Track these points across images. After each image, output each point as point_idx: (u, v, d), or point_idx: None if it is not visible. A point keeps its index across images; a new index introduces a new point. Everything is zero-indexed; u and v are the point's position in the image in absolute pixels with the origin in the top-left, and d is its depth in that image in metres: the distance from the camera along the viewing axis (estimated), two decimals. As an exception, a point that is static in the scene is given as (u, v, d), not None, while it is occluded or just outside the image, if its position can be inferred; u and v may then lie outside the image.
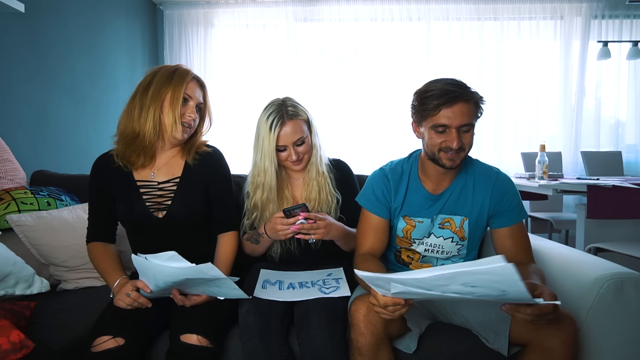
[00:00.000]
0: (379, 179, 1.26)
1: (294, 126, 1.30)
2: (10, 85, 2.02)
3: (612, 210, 2.07)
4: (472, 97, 1.09)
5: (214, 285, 1.06)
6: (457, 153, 1.10)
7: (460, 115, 1.07)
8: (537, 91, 3.75)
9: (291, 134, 1.29)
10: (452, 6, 3.65)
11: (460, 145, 1.09)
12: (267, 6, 3.71)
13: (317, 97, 3.74)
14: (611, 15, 3.65)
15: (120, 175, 1.25)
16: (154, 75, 1.21)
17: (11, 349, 0.89)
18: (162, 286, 1.05)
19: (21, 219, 1.44)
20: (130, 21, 3.29)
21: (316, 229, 1.19)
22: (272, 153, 1.30)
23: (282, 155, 1.33)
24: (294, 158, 1.31)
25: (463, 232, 1.21)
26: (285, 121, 1.29)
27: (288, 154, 1.32)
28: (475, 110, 1.10)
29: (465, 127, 1.09)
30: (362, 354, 1.00)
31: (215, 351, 1.07)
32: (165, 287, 1.06)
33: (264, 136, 1.30)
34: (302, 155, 1.33)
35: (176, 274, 1.00)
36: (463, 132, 1.09)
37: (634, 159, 3.75)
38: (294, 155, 1.31)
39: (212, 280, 1.03)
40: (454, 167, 1.13)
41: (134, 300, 1.07)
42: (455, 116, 1.07)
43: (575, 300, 1.10)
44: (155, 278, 1.03)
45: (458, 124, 1.07)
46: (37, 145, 2.20)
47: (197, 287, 1.09)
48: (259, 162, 1.33)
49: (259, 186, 1.35)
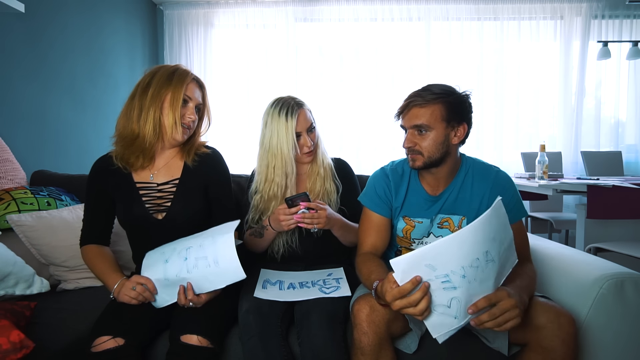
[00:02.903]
0: (381, 178, 1.27)
1: (306, 114, 1.38)
2: (10, 85, 2.02)
3: (612, 210, 2.07)
4: (431, 101, 1.13)
5: (213, 261, 1.07)
6: (414, 155, 1.17)
7: (412, 117, 1.15)
8: (537, 91, 3.76)
9: (305, 121, 1.38)
10: (452, 6, 3.65)
11: (414, 147, 1.16)
12: (267, 6, 3.71)
13: (317, 97, 3.74)
14: (611, 15, 3.65)
15: (120, 177, 1.25)
16: (152, 75, 1.20)
17: (11, 349, 0.89)
18: (172, 259, 1.10)
19: (21, 219, 1.44)
20: (130, 21, 3.29)
21: (318, 218, 1.23)
22: (294, 140, 1.35)
23: (299, 142, 1.38)
24: (309, 143, 1.38)
25: (462, 232, 1.21)
26: (299, 109, 1.36)
27: (303, 141, 1.38)
28: (438, 113, 1.13)
29: (417, 128, 1.15)
30: (364, 354, 1.00)
31: (215, 351, 1.07)
32: (174, 275, 1.08)
33: (280, 128, 1.35)
34: (314, 143, 1.40)
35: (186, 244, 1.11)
36: (418, 134, 1.16)
37: (634, 159, 3.75)
38: (309, 141, 1.38)
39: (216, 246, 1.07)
40: (415, 167, 1.19)
41: (140, 293, 1.09)
42: (407, 118, 1.17)
43: (575, 300, 1.10)
44: (172, 249, 1.10)
45: (409, 125, 1.16)
46: (37, 145, 2.20)
47: (197, 270, 1.09)
48: (276, 153, 1.35)
49: (276, 176, 1.36)
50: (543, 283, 1.24)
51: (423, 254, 0.83)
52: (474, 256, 0.84)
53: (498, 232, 0.87)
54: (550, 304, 1.01)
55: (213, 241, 1.09)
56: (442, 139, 1.15)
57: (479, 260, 0.84)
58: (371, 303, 1.02)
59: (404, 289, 0.86)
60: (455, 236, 0.83)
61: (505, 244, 0.91)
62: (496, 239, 0.87)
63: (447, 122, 1.14)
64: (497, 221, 0.87)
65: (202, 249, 1.08)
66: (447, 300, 0.86)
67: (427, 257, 0.83)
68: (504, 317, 0.88)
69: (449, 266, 0.84)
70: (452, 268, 0.84)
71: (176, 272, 1.09)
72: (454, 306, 0.87)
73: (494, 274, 0.89)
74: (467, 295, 0.86)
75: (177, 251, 1.11)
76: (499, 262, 0.89)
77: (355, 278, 1.28)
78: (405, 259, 0.84)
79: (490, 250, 0.86)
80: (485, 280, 0.88)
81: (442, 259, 0.83)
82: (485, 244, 0.85)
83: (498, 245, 0.88)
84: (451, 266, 0.84)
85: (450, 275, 0.84)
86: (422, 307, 0.86)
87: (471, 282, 0.85)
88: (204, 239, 1.11)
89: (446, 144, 1.16)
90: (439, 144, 1.15)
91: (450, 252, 0.83)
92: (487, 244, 0.85)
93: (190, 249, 1.09)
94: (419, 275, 0.85)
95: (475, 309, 0.87)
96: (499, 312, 0.87)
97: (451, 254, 0.83)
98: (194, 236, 1.16)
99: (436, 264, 0.84)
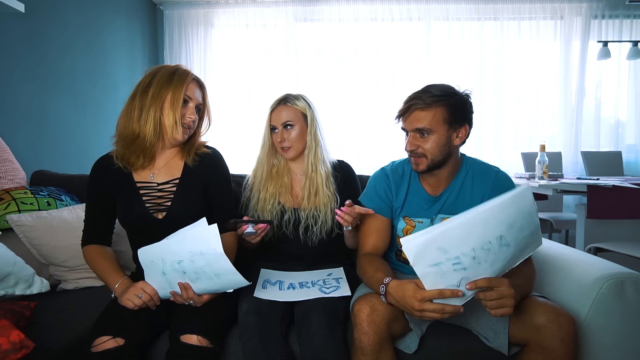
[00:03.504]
0: (381, 179, 1.27)
1: (287, 110, 1.41)
2: (10, 85, 2.02)
3: (612, 210, 2.07)
4: (433, 104, 1.12)
5: (213, 274, 1.05)
6: (418, 157, 1.17)
7: (413, 120, 1.14)
8: (537, 91, 3.75)
9: (282, 116, 1.41)
10: (452, 6, 3.65)
11: (417, 150, 1.15)
12: (267, 6, 3.71)
13: (317, 97, 3.72)
14: (611, 15, 3.65)
15: (120, 177, 1.25)
16: (153, 75, 1.21)
17: (11, 349, 0.89)
18: (170, 271, 1.05)
19: (21, 219, 1.44)
20: (130, 21, 3.29)
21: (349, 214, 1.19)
22: (268, 130, 1.44)
23: (274, 136, 1.43)
24: (278, 139, 1.41)
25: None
26: (280, 105, 1.42)
27: (275, 136, 1.42)
28: (439, 116, 1.13)
29: (419, 131, 1.14)
30: (365, 354, 1.00)
31: (215, 351, 1.06)
32: (172, 273, 1.06)
33: (267, 117, 1.45)
34: (288, 141, 1.40)
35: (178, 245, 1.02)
36: (420, 137, 1.15)
37: (634, 159, 3.75)
38: (279, 137, 1.40)
39: (211, 264, 1.03)
40: (419, 171, 1.19)
41: (144, 302, 1.09)
42: (409, 121, 1.16)
43: (575, 300, 1.10)
44: (163, 261, 1.04)
45: (411, 128, 1.16)
46: (37, 145, 2.20)
47: (200, 281, 1.08)
48: (261, 144, 1.47)
49: (258, 166, 1.47)
50: (543, 283, 1.24)
51: (434, 236, 0.84)
52: (485, 239, 0.86)
53: (518, 219, 0.88)
54: (550, 304, 1.01)
55: (203, 257, 1.02)
56: (445, 141, 1.15)
57: (491, 244, 0.86)
58: (372, 303, 1.02)
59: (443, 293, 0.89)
60: (466, 219, 0.84)
61: (526, 231, 0.91)
62: (515, 225, 0.88)
63: (449, 124, 1.14)
64: (517, 208, 0.88)
65: (194, 264, 1.03)
66: (457, 280, 0.89)
67: (438, 239, 0.85)
68: (498, 302, 0.90)
69: (460, 249, 0.85)
70: (462, 250, 0.85)
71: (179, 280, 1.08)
72: (462, 286, 0.90)
73: (505, 258, 0.90)
74: (475, 275, 0.89)
75: (169, 263, 1.05)
76: (516, 248, 0.91)
77: (355, 278, 1.28)
78: (416, 244, 0.85)
79: (505, 235, 0.87)
80: (495, 263, 0.89)
81: (454, 241, 0.85)
82: (500, 228, 0.86)
83: (517, 231, 0.89)
84: (462, 248, 0.85)
85: (460, 257, 0.86)
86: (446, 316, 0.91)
87: (481, 263, 0.88)
88: (193, 256, 1.02)
89: (448, 146, 1.16)
90: (442, 146, 1.15)
91: (463, 235, 0.85)
92: (502, 229, 0.86)
93: (182, 263, 1.03)
94: (431, 259, 0.86)
95: (474, 286, 0.89)
96: (496, 296, 0.90)
97: (463, 237, 0.85)
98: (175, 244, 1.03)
99: (447, 247, 0.85)
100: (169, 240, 1.04)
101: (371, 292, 1.09)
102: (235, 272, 1.05)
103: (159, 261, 1.06)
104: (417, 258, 0.86)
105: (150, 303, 1.10)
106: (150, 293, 1.09)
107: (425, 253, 0.85)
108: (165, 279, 1.08)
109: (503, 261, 0.90)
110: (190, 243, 1.01)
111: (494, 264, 0.89)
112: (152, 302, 1.10)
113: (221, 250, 1.00)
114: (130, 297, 1.09)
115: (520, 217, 0.89)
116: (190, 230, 1.02)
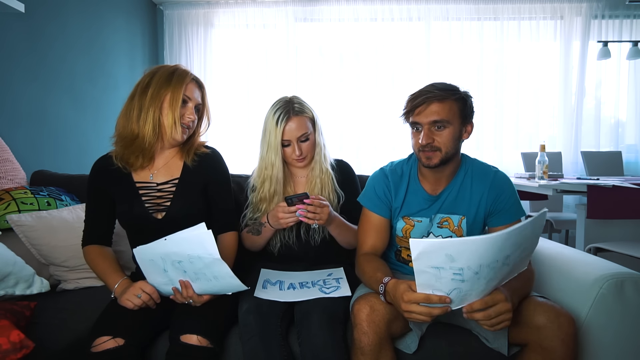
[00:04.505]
0: (380, 179, 1.27)
1: (299, 122, 1.33)
2: (10, 85, 2.02)
3: (612, 210, 2.07)
4: (448, 97, 1.12)
5: (212, 277, 1.06)
6: (432, 152, 1.14)
7: (430, 113, 1.12)
8: (537, 91, 3.75)
9: (296, 130, 1.32)
10: (452, 6, 3.65)
11: (433, 143, 1.13)
12: (267, 6, 3.71)
13: (317, 97, 3.74)
14: (611, 15, 3.65)
15: (120, 177, 1.25)
16: (152, 75, 1.21)
17: (11, 349, 0.89)
18: (171, 269, 1.05)
19: (21, 219, 1.44)
20: (130, 21, 3.29)
21: (320, 213, 1.22)
22: (278, 147, 1.34)
23: (287, 150, 1.35)
24: (297, 154, 1.34)
25: (461, 231, 1.22)
26: (291, 117, 1.32)
27: (292, 149, 1.35)
28: (455, 109, 1.13)
29: (436, 124, 1.12)
30: (364, 354, 1.00)
31: (215, 351, 1.06)
32: (174, 270, 1.06)
33: (271, 130, 1.33)
34: (305, 152, 1.36)
35: (177, 248, 1.02)
36: (436, 130, 1.13)
37: (634, 159, 3.75)
38: (297, 150, 1.34)
39: (209, 267, 1.03)
40: (432, 165, 1.16)
41: (144, 302, 1.09)
42: (425, 114, 1.12)
43: (575, 300, 1.10)
44: (163, 260, 1.04)
45: (427, 121, 1.12)
46: (37, 145, 2.20)
47: (200, 282, 1.09)
48: (265, 156, 1.37)
49: (266, 179, 1.37)
50: (543, 283, 1.24)
51: (449, 244, 0.83)
52: (495, 258, 0.84)
53: (526, 240, 0.88)
54: (550, 304, 1.01)
55: (201, 260, 1.02)
56: (458, 135, 1.15)
57: (498, 262, 0.85)
58: (371, 303, 1.02)
59: (430, 299, 0.88)
60: (488, 238, 0.82)
61: (526, 252, 0.91)
62: (521, 246, 0.87)
63: (462, 118, 1.15)
64: (531, 231, 0.87)
65: (193, 265, 1.04)
66: (450, 289, 0.87)
67: (451, 248, 0.83)
68: (497, 319, 0.90)
69: (468, 262, 0.84)
70: (469, 264, 0.84)
71: (180, 278, 1.09)
72: (452, 295, 0.88)
73: (501, 276, 0.90)
74: (469, 289, 0.88)
75: (169, 262, 1.05)
76: (512, 267, 0.90)
77: (355, 278, 1.28)
78: (427, 242, 0.84)
79: (511, 255, 0.86)
80: (492, 280, 0.88)
81: (465, 254, 0.83)
82: (511, 249, 0.85)
83: (520, 252, 0.88)
84: (470, 262, 0.84)
85: (464, 270, 0.85)
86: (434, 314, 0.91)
87: (480, 279, 0.86)
88: (192, 258, 1.03)
89: (459, 140, 1.17)
90: (456, 140, 1.15)
91: (478, 251, 0.83)
92: (512, 249, 0.85)
93: (181, 263, 1.04)
94: (436, 262, 0.85)
95: (470, 309, 0.89)
96: (495, 314, 0.89)
97: (477, 252, 0.83)
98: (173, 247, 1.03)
99: (457, 257, 0.84)
100: (167, 241, 1.03)
101: (371, 292, 1.09)
102: (232, 277, 1.05)
103: (158, 260, 1.06)
104: (421, 255, 0.85)
105: (149, 302, 1.10)
106: (149, 292, 1.09)
107: (431, 254, 0.84)
108: (167, 275, 1.08)
109: (499, 279, 0.90)
110: (187, 246, 1.01)
111: (490, 281, 0.88)
112: (151, 301, 1.10)
113: (218, 256, 1.00)
114: (130, 297, 1.09)
115: (528, 239, 0.89)
116: (186, 234, 1.01)
